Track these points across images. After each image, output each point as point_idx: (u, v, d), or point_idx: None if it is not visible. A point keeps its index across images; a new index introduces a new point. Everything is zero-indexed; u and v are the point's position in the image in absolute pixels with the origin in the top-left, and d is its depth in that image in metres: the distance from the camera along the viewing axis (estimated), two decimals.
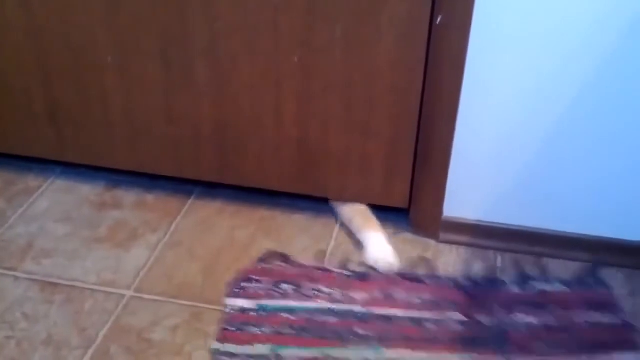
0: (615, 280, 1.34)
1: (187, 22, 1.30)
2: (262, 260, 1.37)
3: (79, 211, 1.50)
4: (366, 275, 1.33)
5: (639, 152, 1.26)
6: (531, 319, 1.23)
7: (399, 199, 1.44)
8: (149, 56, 1.36)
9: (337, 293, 1.28)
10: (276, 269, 1.35)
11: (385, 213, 1.47)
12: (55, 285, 1.30)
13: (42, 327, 1.21)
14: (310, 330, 1.20)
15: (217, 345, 1.18)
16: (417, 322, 1.22)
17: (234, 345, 1.18)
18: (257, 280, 1.31)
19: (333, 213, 1.50)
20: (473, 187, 1.38)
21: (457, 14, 1.18)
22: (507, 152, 1.32)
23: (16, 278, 1.32)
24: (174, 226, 1.47)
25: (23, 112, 1.51)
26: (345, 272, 1.34)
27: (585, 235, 1.37)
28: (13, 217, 1.48)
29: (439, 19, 1.19)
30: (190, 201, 1.54)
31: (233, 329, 1.21)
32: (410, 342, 1.18)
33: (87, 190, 1.57)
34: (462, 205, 1.40)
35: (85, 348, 1.17)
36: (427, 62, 1.25)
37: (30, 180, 1.60)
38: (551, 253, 1.39)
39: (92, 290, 1.29)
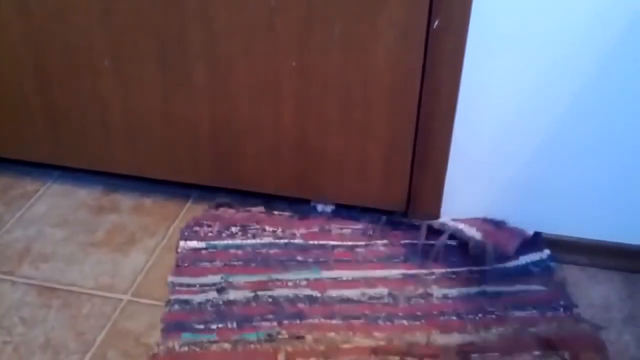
0: (614, 283, 1.34)
1: (185, 24, 1.30)
2: (212, 207, 1.50)
3: (77, 215, 1.50)
4: (305, 215, 1.48)
5: (637, 154, 1.26)
6: (446, 239, 1.39)
7: (396, 202, 1.44)
8: (146, 58, 1.36)
9: (279, 230, 1.43)
10: (224, 215, 1.48)
11: (384, 215, 1.47)
12: (52, 289, 1.30)
13: (40, 332, 1.20)
14: (256, 260, 1.35)
15: (172, 279, 1.30)
16: (350, 248, 1.39)
17: (189, 277, 1.31)
18: (207, 225, 1.44)
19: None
20: (471, 189, 1.38)
21: (454, 16, 1.18)
22: (505, 153, 1.31)
23: (13, 282, 1.31)
24: (171, 230, 1.46)
25: (20, 116, 1.51)
26: (286, 214, 1.48)
27: (583, 238, 1.37)
28: (10, 221, 1.48)
29: (436, 24, 1.19)
30: (187, 205, 1.54)
31: (186, 264, 1.34)
32: (344, 264, 1.35)
33: (85, 194, 1.57)
34: (460, 207, 1.40)
35: (83, 352, 1.16)
36: (424, 63, 1.25)
37: (28, 184, 1.60)
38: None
39: (90, 294, 1.29)
